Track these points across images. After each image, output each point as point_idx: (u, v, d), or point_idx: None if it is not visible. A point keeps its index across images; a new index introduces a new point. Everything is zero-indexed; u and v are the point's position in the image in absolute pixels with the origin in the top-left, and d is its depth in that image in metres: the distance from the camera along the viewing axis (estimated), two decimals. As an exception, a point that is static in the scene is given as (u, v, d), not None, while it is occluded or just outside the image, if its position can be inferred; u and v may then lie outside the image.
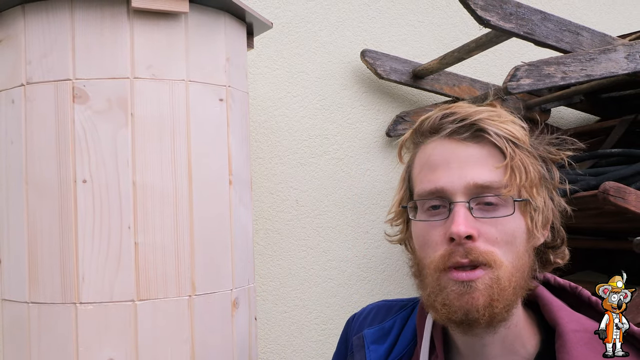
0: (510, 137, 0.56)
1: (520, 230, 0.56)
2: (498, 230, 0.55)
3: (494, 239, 0.55)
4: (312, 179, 1.40)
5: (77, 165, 0.83)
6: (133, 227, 0.83)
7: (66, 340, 0.82)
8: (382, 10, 1.49)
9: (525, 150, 0.57)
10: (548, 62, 1.14)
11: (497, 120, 0.57)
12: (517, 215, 0.56)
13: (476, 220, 0.55)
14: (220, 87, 0.92)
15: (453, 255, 0.55)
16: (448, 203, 0.56)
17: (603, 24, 1.76)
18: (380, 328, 0.68)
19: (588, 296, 0.62)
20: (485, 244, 0.55)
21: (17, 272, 0.87)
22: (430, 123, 0.59)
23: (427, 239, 0.57)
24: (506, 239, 0.55)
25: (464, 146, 0.56)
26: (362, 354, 0.67)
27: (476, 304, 0.54)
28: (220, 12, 0.92)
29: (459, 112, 0.58)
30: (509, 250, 0.55)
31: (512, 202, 0.55)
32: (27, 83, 0.86)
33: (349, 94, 1.45)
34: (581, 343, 0.56)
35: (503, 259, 0.55)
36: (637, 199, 1.03)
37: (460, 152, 0.56)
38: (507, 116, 0.59)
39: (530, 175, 0.56)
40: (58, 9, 0.84)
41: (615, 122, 1.45)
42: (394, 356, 0.65)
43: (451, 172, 0.56)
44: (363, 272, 1.44)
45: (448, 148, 0.57)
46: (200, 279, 0.87)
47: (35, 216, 0.85)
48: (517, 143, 0.56)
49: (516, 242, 0.56)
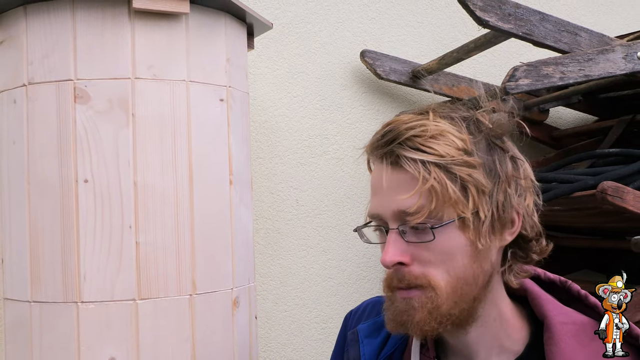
0: (430, 158, 0.54)
1: (458, 246, 0.56)
2: (432, 253, 0.55)
3: (427, 260, 0.56)
4: (312, 178, 1.40)
5: (78, 165, 0.83)
6: (134, 226, 0.83)
7: (68, 339, 0.82)
8: (382, 11, 1.50)
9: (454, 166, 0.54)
10: (546, 63, 1.15)
11: (424, 136, 0.55)
12: (451, 233, 0.55)
13: (409, 244, 0.56)
14: (221, 87, 0.92)
15: (392, 280, 0.57)
16: (384, 229, 0.58)
17: (601, 24, 1.77)
18: (373, 322, 0.69)
19: (577, 290, 0.62)
20: (420, 266, 0.56)
21: (19, 271, 0.87)
22: (370, 142, 0.60)
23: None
24: (442, 259, 0.56)
25: (392, 171, 0.56)
26: (356, 348, 0.68)
27: (412, 320, 0.56)
28: (221, 12, 0.93)
29: (389, 132, 0.57)
30: (447, 268, 0.56)
31: (429, 230, 0.55)
32: (29, 83, 0.86)
33: (349, 94, 1.45)
34: (569, 335, 0.57)
35: (439, 278, 0.55)
36: (634, 199, 1.03)
37: (389, 177, 0.56)
38: (438, 128, 0.56)
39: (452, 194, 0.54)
40: (59, 10, 0.85)
41: (613, 122, 1.46)
42: (387, 349, 0.66)
43: (382, 197, 0.57)
44: (363, 271, 1.45)
45: (379, 172, 0.58)
46: (201, 278, 0.87)
47: (37, 215, 0.85)
48: (439, 162, 0.54)
49: (456, 258, 0.56)
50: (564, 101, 1.53)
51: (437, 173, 0.55)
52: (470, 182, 0.56)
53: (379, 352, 0.66)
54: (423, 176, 0.55)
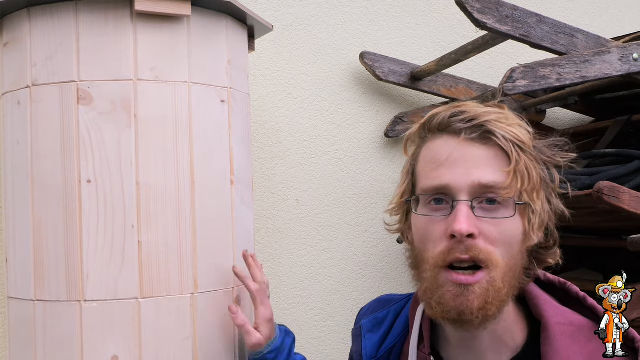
0: (516, 140, 0.57)
1: (518, 231, 0.58)
2: (498, 231, 0.56)
3: (493, 238, 0.56)
4: (312, 178, 1.41)
5: (81, 165, 0.84)
6: (137, 226, 0.84)
7: (71, 337, 0.83)
8: (381, 13, 1.51)
9: (530, 154, 0.58)
10: (543, 64, 1.16)
11: (505, 122, 0.58)
12: (516, 217, 0.57)
13: (477, 219, 0.56)
14: (222, 88, 0.93)
15: (453, 251, 0.56)
16: (451, 200, 0.57)
17: (597, 26, 1.79)
18: (374, 317, 0.70)
19: (576, 291, 0.63)
20: (485, 242, 0.56)
21: (23, 271, 0.88)
22: (439, 120, 0.60)
23: (427, 233, 0.59)
24: (505, 240, 0.57)
25: (471, 146, 0.57)
26: (359, 342, 0.69)
27: (471, 307, 0.55)
28: (222, 15, 0.93)
29: (468, 112, 0.59)
30: (506, 251, 0.57)
31: (513, 205, 0.56)
32: (33, 85, 0.87)
33: (349, 95, 1.47)
34: (565, 335, 0.58)
35: (500, 258, 0.56)
36: (630, 198, 1.04)
37: (467, 152, 0.57)
38: (514, 119, 0.60)
39: (533, 179, 0.57)
40: (63, 12, 0.85)
41: (609, 122, 1.47)
42: (387, 344, 0.67)
43: (457, 170, 0.57)
44: (362, 270, 1.46)
45: (455, 146, 0.58)
46: (203, 277, 0.88)
47: (40, 215, 0.86)
48: (522, 147, 0.57)
49: (513, 243, 0.57)
50: (560, 102, 1.54)
51: (524, 157, 0.57)
52: (540, 175, 0.58)
53: (379, 346, 0.67)
54: (516, 155, 0.56)
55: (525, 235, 0.59)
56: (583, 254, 1.53)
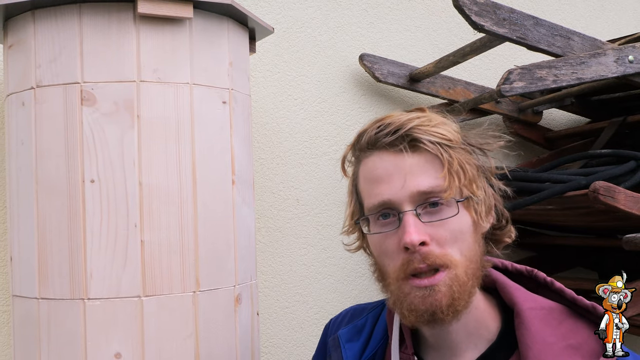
0: (443, 141, 0.58)
1: (467, 225, 0.59)
2: (447, 231, 0.58)
3: (445, 239, 0.57)
4: (312, 178, 1.42)
5: (85, 165, 0.84)
6: (139, 225, 0.84)
7: (75, 335, 0.84)
8: (380, 15, 1.52)
9: (459, 149, 0.59)
10: (540, 66, 1.17)
11: (429, 125, 0.59)
12: (461, 212, 0.58)
13: (425, 225, 0.57)
14: (224, 90, 0.94)
15: (411, 263, 0.57)
16: (397, 213, 0.58)
17: (593, 28, 1.80)
18: (353, 326, 0.70)
19: (543, 277, 0.64)
20: (438, 246, 0.57)
21: (27, 269, 0.88)
22: (367, 138, 0.61)
23: (382, 249, 0.60)
24: (456, 237, 0.58)
25: (402, 156, 0.58)
26: (338, 352, 0.69)
27: (440, 305, 0.56)
28: (224, 17, 0.95)
29: (392, 123, 0.59)
30: (461, 247, 0.58)
31: (455, 203, 0.58)
32: (37, 86, 0.88)
33: (348, 96, 1.48)
34: (538, 319, 0.59)
35: (458, 256, 0.57)
36: (626, 198, 1.05)
37: (400, 163, 0.58)
38: (437, 119, 0.61)
39: (468, 173, 0.59)
40: (66, 15, 0.86)
41: (605, 123, 1.48)
42: (368, 352, 0.67)
43: (394, 183, 0.58)
44: (361, 269, 1.47)
45: (387, 160, 0.59)
46: (204, 276, 0.89)
47: (44, 214, 0.86)
48: (450, 145, 0.58)
49: (466, 237, 0.59)
50: (557, 103, 1.55)
51: (456, 154, 0.58)
52: (475, 165, 0.60)
53: (360, 355, 0.67)
54: (447, 156, 0.57)
55: (476, 225, 0.60)
56: (579, 253, 1.54)
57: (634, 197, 1.06)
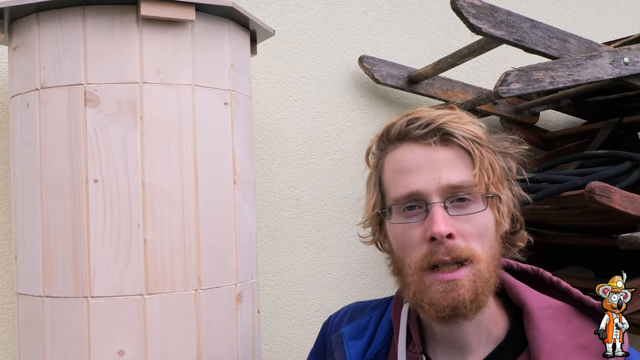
0: (474, 137, 0.60)
1: (490, 222, 0.60)
2: (473, 226, 0.58)
3: (470, 234, 0.58)
4: (312, 178, 1.44)
5: (88, 165, 0.85)
6: (142, 224, 0.85)
7: (78, 333, 0.84)
8: (380, 18, 1.54)
9: (488, 148, 0.61)
10: (537, 68, 1.18)
11: (459, 122, 0.60)
12: (487, 209, 0.60)
13: (452, 218, 0.58)
14: (225, 91, 0.95)
15: (435, 254, 0.57)
16: (425, 204, 0.59)
17: (589, 31, 1.82)
18: (357, 325, 0.70)
19: (549, 277, 0.65)
20: (463, 240, 0.58)
21: (32, 267, 0.89)
22: (397, 129, 0.62)
23: (406, 239, 0.60)
24: (480, 232, 0.59)
25: (433, 150, 0.59)
26: (341, 350, 0.68)
27: (463, 300, 0.56)
28: (225, 20, 0.95)
29: (423, 117, 0.60)
30: (484, 243, 0.59)
31: (483, 199, 0.59)
32: (42, 87, 0.89)
33: (348, 98, 1.49)
34: (547, 318, 0.60)
35: (481, 252, 0.58)
36: (621, 198, 1.06)
37: (430, 156, 0.59)
38: (467, 117, 0.62)
39: (497, 172, 0.60)
40: (70, 17, 0.87)
41: (600, 124, 1.48)
42: (372, 350, 0.67)
43: (424, 175, 0.59)
44: (361, 267, 1.48)
45: (418, 152, 0.60)
46: (206, 274, 0.89)
47: (49, 214, 0.87)
48: (480, 143, 0.60)
49: (489, 234, 0.60)
50: (553, 105, 1.56)
51: (485, 152, 0.59)
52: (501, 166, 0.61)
53: (364, 353, 0.67)
54: (478, 153, 0.58)
55: (498, 224, 0.61)
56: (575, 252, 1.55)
57: (629, 197, 1.07)
